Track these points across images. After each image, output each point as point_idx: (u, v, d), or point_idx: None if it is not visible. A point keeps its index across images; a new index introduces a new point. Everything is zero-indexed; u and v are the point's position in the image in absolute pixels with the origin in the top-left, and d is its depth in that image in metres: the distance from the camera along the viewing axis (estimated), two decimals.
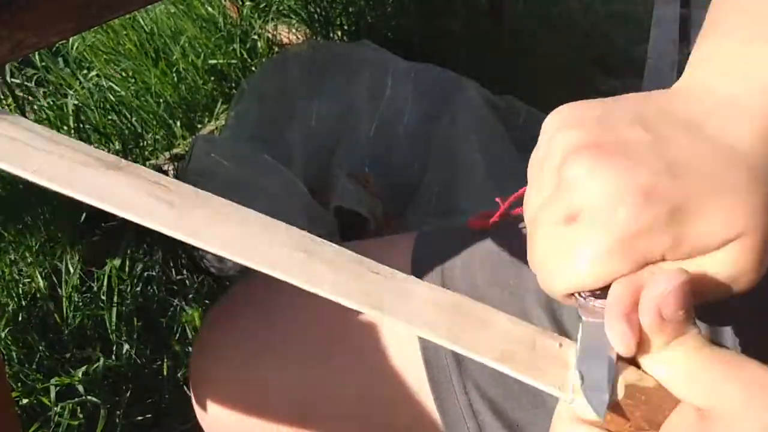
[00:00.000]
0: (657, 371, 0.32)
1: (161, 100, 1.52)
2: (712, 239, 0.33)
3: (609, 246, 0.33)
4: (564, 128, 0.36)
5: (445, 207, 1.29)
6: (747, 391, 0.30)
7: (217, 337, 0.58)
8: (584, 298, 0.34)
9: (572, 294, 0.35)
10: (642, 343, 0.32)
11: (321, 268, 0.34)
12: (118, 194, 0.34)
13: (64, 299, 1.07)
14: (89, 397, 0.99)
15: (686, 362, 0.31)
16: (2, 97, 1.47)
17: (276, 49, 1.68)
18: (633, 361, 0.32)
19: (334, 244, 0.35)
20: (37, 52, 1.45)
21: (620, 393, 0.32)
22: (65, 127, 1.39)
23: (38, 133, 0.36)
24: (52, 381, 0.98)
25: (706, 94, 0.37)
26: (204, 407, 0.57)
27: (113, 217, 1.23)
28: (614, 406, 0.32)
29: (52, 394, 0.97)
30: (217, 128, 1.48)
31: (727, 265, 0.33)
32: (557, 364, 0.34)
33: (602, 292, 0.34)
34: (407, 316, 0.33)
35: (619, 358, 0.32)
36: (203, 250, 1.19)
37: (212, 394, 0.57)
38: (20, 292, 1.09)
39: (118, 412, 1.02)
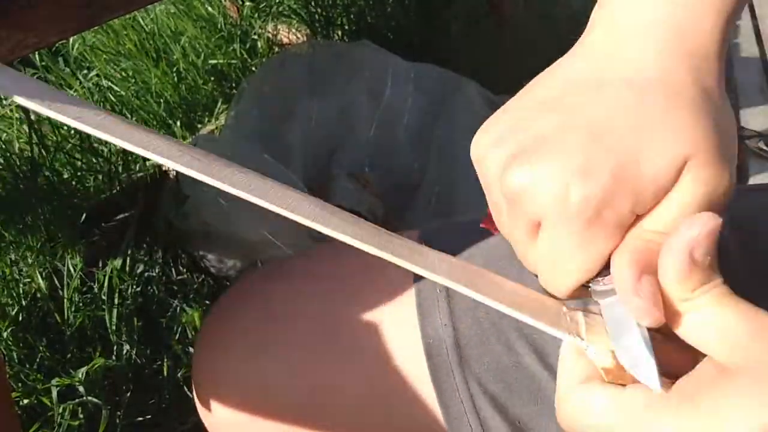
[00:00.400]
0: (680, 323, 0.31)
1: (161, 100, 1.52)
2: (665, 175, 0.33)
3: (580, 233, 0.33)
4: (486, 152, 0.36)
5: (445, 207, 1.29)
6: None
7: (219, 333, 0.58)
8: (592, 284, 0.34)
9: (579, 288, 0.35)
10: (666, 299, 0.31)
11: (340, 221, 0.35)
12: (153, 144, 0.37)
13: (65, 300, 1.07)
14: (89, 398, 0.99)
15: (709, 314, 0.30)
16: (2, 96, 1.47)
17: (276, 49, 1.68)
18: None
19: (347, 212, 0.37)
20: (37, 52, 1.45)
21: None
22: (65, 127, 1.39)
23: (74, 97, 0.39)
24: (53, 381, 0.98)
25: (605, 37, 0.36)
26: (207, 405, 0.57)
27: (113, 217, 1.23)
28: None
29: (54, 395, 0.97)
30: (217, 128, 1.48)
31: (695, 189, 0.33)
32: (566, 318, 0.34)
33: (605, 270, 0.34)
34: (420, 262, 0.34)
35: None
36: (203, 251, 1.19)
37: (215, 391, 0.57)
38: (21, 292, 1.08)
39: (118, 413, 1.02)
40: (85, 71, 1.59)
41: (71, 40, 1.58)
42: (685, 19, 0.35)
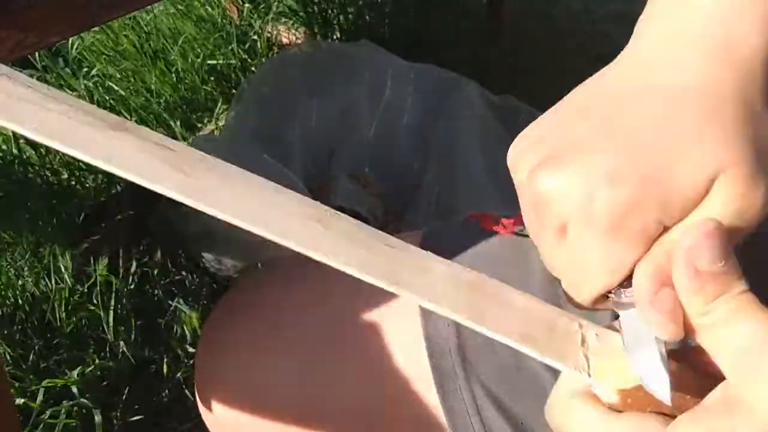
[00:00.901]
0: (700, 338, 0.30)
1: (161, 100, 1.52)
2: (695, 188, 0.32)
3: (603, 240, 0.33)
4: (520, 156, 0.36)
5: (445, 207, 1.29)
6: None
7: (222, 333, 0.58)
8: (614, 295, 0.34)
9: (602, 297, 0.34)
10: (687, 313, 0.30)
11: (335, 240, 0.32)
12: (123, 155, 0.31)
13: (61, 300, 1.07)
14: (86, 399, 0.98)
15: (723, 329, 0.29)
16: None
17: (275, 49, 1.68)
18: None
19: (348, 217, 0.34)
20: (37, 53, 1.45)
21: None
22: None
23: (38, 90, 0.33)
24: (49, 382, 0.98)
25: (649, 48, 0.36)
26: (208, 405, 0.57)
27: (112, 216, 1.23)
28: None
29: (39, 396, 0.97)
30: (217, 128, 1.48)
31: (726, 204, 0.31)
32: (577, 346, 0.33)
33: (628, 282, 0.33)
34: (425, 292, 0.32)
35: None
36: (203, 251, 1.19)
37: (217, 393, 0.57)
38: (16, 292, 1.08)
39: (116, 413, 1.02)
40: (85, 71, 1.59)
41: (71, 40, 1.58)
42: (733, 33, 0.34)
